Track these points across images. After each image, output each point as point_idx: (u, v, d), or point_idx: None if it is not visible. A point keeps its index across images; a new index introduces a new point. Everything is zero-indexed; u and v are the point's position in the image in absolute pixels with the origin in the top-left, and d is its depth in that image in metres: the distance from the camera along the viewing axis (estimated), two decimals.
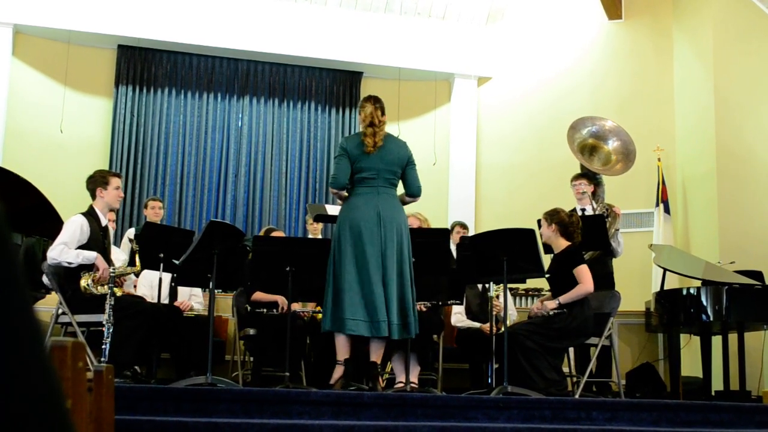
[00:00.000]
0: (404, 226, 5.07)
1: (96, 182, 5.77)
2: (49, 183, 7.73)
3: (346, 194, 5.11)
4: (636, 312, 7.85)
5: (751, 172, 8.51)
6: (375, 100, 5.24)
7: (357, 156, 5.04)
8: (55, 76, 9.48)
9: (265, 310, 6.15)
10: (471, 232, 7.51)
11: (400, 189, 5.25)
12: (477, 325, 6.53)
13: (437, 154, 10.09)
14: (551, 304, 5.67)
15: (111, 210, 5.91)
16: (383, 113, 5.20)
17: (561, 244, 5.85)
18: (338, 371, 4.95)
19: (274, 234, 6.45)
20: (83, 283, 5.41)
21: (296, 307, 6.35)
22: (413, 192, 5.22)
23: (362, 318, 4.83)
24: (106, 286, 5.33)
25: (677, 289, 7.05)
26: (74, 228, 5.51)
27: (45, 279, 5.64)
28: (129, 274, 5.91)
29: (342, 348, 4.95)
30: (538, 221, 6.26)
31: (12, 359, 0.55)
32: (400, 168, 5.13)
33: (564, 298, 5.64)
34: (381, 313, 4.82)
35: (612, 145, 7.32)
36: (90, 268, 5.46)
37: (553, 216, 5.90)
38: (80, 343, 1.39)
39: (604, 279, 6.55)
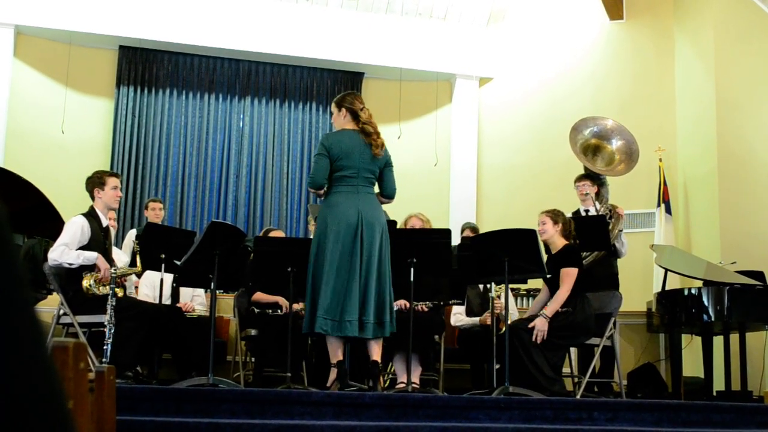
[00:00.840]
0: (384, 227, 5.06)
1: (93, 183, 5.78)
2: (50, 184, 7.73)
3: (322, 192, 5.11)
4: (637, 312, 7.85)
5: (753, 172, 8.51)
6: (362, 100, 5.23)
7: (338, 154, 5.02)
8: (56, 77, 9.48)
9: (270, 311, 6.15)
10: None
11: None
12: (476, 320, 6.53)
13: (438, 154, 10.08)
14: (540, 323, 5.60)
15: (110, 210, 5.91)
16: None
17: (560, 243, 5.86)
18: (332, 374, 4.95)
19: (273, 234, 6.45)
20: (86, 283, 5.41)
21: (298, 307, 6.34)
22: (389, 193, 5.20)
23: (331, 317, 4.82)
24: (108, 287, 5.34)
25: (678, 290, 7.05)
26: (75, 229, 5.52)
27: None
28: (130, 274, 5.91)
29: (334, 350, 4.94)
30: None
31: (13, 359, 0.55)
32: (379, 168, 5.12)
33: (550, 312, 5.61)
34: (350, 313, 4.80)
35: (615, 144, 7.31)
36: (92, 268, 5.46)
37: (559, 215, 5.92)
38: (82, 344, 1.40)
39: (609, 279, 6.55)
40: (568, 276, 5.65)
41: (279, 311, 6.15)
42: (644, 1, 9.97)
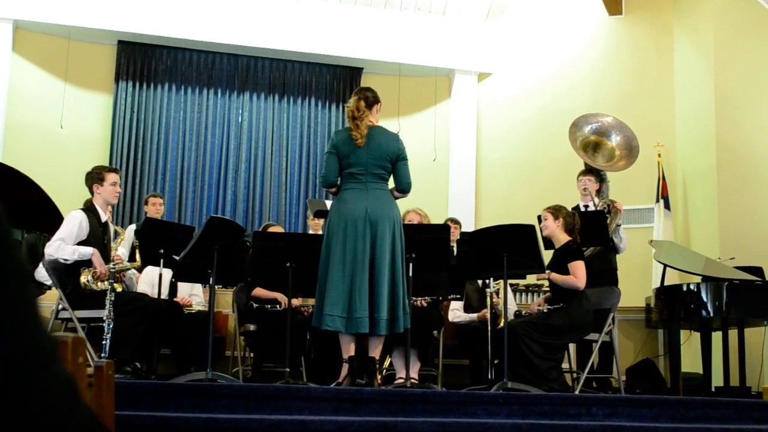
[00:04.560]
0: (397, 221, 5.05)
1: (92, 178, 5.78)
2: (49, 178, 7.70)
3: (334, 190, 5.11)
4: (636, 308, 7.85)
5: (752, 168, 8.50)
6: (360, 91, 5.20)
7: (345, 151, 5.02)
8: (55, 72, 9.47)
9: (269, 306, 6.15)
10: (464, 228, 7.51)
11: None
12: (474, 316, 6.54)
13: (437, 150, 10.08)
14: (543, 276, 5.73)
15: (109, 205, 5.91)
16: (369, 103, 5.13)
17: (562, 239, 5.87)
18: (344, 369, 4.95)
19: (272, 230, 6.45)
20: (83, 279, 5.41)
21: (297, 302, 6.35)
22: (403, 188, 5.18)
23: (339, 314, 4.82)
24: (106, 282, 5.33)
25: (677, 285, 7.05)
26: (73, 224, 5.51)
27: (40, 273, 5.63)
28: (129, 269, 5.91)
29: (346, 345, 4.94)
30: (539, 217, 6.26)
31: (14, 352, 0.54)
32: (390, 162, 5.09)
33: (555, 277, 5.69)
34: (360, 310, 4.80)
35: (615, 140, 7.31)
36: (89, 264, 5.45)
37: (560, 210, 5.93)
38: (81, 339, 1.39)
39: (608, 275, 6.56)
40: (578, 268, 5.69)
41: (278, 306, 6.15)
42: None
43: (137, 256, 5.76)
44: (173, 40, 9.68)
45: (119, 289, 5.45)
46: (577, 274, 5.68)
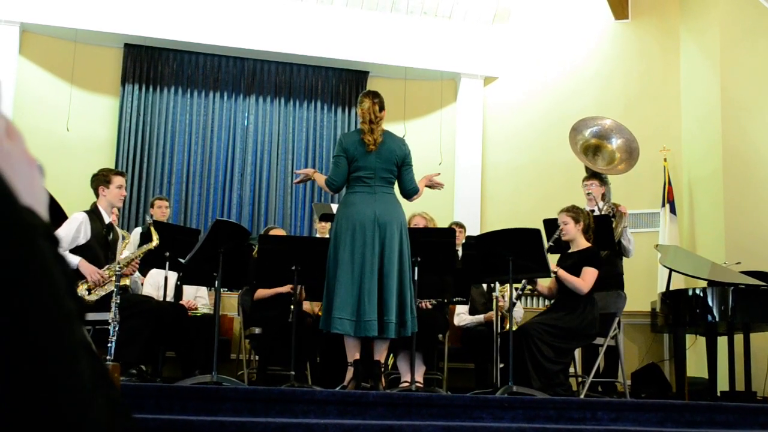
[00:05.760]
0: (403, 225, 5.06)
1: (98, 181, 5.77)
2: (55, 181, 7.74)
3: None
4: (642, 312, 7.83)
5: (758, 172, 8.49)
6: (373, 96, 5.21)
7: (355, 155, 5.03)
8: (61, 75, 9.49)
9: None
10: (469, 232, 7.50)
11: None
12: (480, 318, 6.54)
13: (443, 153, 10.08)
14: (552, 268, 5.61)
15: (113, 208, 5.90)
16: (381, 108, 5.16)
17: (581, 243, 5.83)
18: (349, 373, 4.95)
19: (274, 233, 6.44)
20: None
21: (306, 305, 6.36)
22: (407, 193, 5.22)
23: (348, 317, 4.82)
24: (107, 285, 5.29)
25: (683, 290, 7.04)
26: (71, 226, 5.46)
27: None
28: (146, 251, 5.75)
29: (351, 349, 4.94)
30: (544, 221, 6.25)
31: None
32: (397, 166, 5.11)
33: (562, 274, 5.61)
34: (370, 313, 4.80)
35: (615, 143, 7.32)
36: (82, 276, 5.34)
37: (580, 213, 5.89)
38: None
39: (614, 279, 6.54)
40: (588, 274, 5.64)
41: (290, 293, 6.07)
42: (650, 1, 9.95)
43: (153, 236, 5.61)
44: (179, 43, 9.70)
45: (127, 282, 5.40)
46: (587, 279, 5.65)
